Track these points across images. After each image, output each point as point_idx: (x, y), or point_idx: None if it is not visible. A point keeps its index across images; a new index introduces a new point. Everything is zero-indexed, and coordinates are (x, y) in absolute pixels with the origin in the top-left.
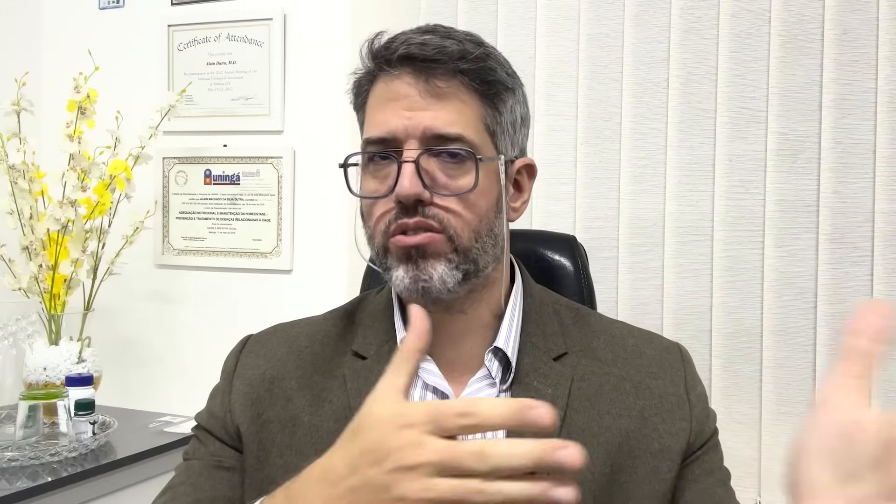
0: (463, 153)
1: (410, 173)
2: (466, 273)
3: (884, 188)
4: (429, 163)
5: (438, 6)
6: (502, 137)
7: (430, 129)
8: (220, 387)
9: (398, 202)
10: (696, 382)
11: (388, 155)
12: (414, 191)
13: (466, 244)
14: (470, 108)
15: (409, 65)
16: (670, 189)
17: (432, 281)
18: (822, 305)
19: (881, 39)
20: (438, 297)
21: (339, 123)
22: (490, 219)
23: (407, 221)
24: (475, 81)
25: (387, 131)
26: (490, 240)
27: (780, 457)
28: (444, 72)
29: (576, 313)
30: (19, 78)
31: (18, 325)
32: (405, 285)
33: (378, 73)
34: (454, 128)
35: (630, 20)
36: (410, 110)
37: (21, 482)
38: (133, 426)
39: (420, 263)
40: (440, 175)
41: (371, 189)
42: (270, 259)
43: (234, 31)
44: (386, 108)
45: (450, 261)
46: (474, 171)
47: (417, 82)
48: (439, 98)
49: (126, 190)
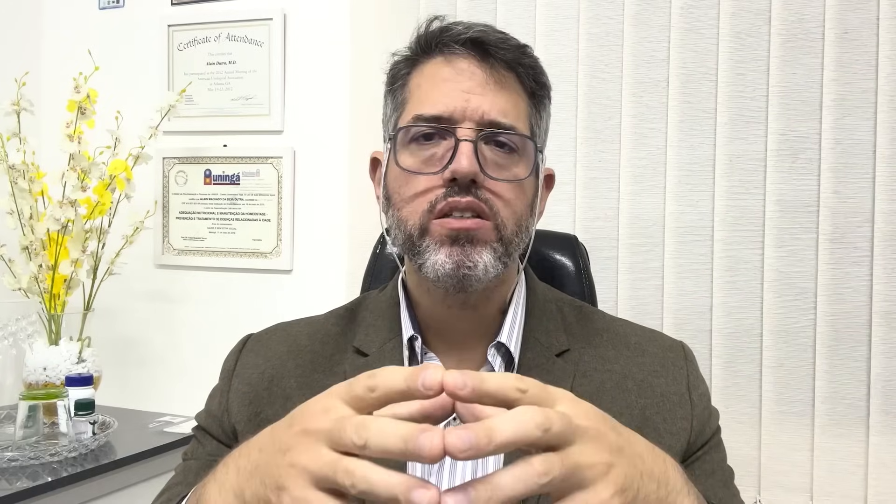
0: (519, 142)
1: (469, 151)
2: (504, 266)
3: (884, 188)
4: (483, 147)
5: (438, 6)
6: (540, 140)
7: (488, 114)
8: (218, 386)
9: (452, 180)
10: (699, 381)
11: (446, 133)
12: (473, 169)
13: (510, 235)
14: (522, 102)
15: (475, 48)
16: (670, 189)
17: (476, 269)
18: (821, 305)
19: (881, 39)
20: (476, 286)
21: (339, 123)
22: (528, 215)
23: (459, 200)
24: (529, 79)
25: (443, 109)
26: (525, 236)
27: (779, 456)
28: (506, 61)
29: (579, 311)
30: (19, 78)
31: (18, 325)
32: (445, 270)
33: (431, 55)
34: (510, 117)
35: (630, 19)
36: (470, 93)
37: (21, 482)
38: (133, 426)
39: (467, 248)
40: (495, 159)
41: (412, 167)
42: (270, 259)
43: (234, 31)
44: (443, 86)
45: (495, 250)
46: (529, 160)
47: (482, 66)
48: (499, 85)
49: (126, 190)
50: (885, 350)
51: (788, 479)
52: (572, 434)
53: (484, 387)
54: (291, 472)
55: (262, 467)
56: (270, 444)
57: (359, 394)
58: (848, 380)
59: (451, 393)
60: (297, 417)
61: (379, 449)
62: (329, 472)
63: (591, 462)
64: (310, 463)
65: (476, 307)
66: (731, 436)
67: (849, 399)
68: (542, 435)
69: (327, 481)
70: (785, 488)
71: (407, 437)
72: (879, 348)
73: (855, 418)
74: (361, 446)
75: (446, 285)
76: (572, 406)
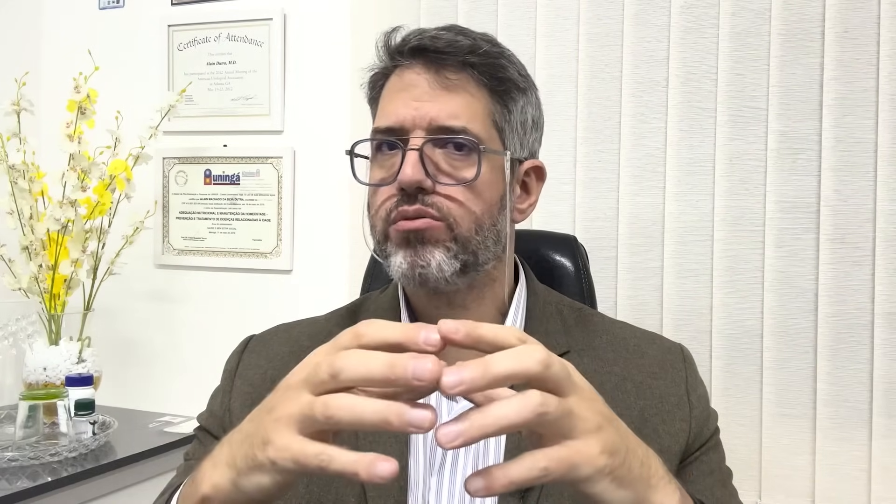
0: (466, 144)
1: (413, 160)
2: (465, 264)
3: (885, 187)
4: (433, 153)
5: (438, 6)
6: (511, 135)
7: (436, 119)
8: (220, 386)
9: (400, 189)
10: (698, 384)
11: (395, 144)
12: (416, 177)
13: (466, 234)
14: (479, 101)
15: (421, 56)
16: (670, 189)
17: (429, 267)
18: (822, 306)
19: (882, 38)
20: (436, 285)
21: (339, 123)
22: (493, 214)
23: (407, 209)
24: (485, 76)
25: (394, 121)
26: (492, 235)
27: (780, 459)
28: (454, 64)
29: (578, 313)
30: (19, 78)
31: (18, 325)
32: (403, 271)
33: (392, 67)
34: (459, 120)
35: (630, 19)
36: (419, 101)
37: (21, 482)
38: (133, 426)
39: (418, 249)
40: (443, 164)
41: (377, 178)
42: (270, 259)
43: (234, 31)
44: (396, 98)
45: (448, 249)
46: (477, 161)
47: (427, 73)
48: (447, 90)
49: (126, 190)
50: (887, 352)
51: (790, 482)
52: (571, 386)
53: (479, 331)
54: (276, 425)
55: (251, 432)
56: (259, 410)
57: (343, 343)
58: (850, 382)
59: (445, 337)
60: (283, 380)
61: (357, 376)
62: (307, 409)
63: (584, 416)
64: (290, 409)
65: (466, 307)
66: (731, 438)
67: (851, 401)
68: (542, 371)
69: (306, 421)
70: (786, 492)
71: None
72: (882, 350)
73: (857, 421)
74: (335, 375)
75: (409, 285)
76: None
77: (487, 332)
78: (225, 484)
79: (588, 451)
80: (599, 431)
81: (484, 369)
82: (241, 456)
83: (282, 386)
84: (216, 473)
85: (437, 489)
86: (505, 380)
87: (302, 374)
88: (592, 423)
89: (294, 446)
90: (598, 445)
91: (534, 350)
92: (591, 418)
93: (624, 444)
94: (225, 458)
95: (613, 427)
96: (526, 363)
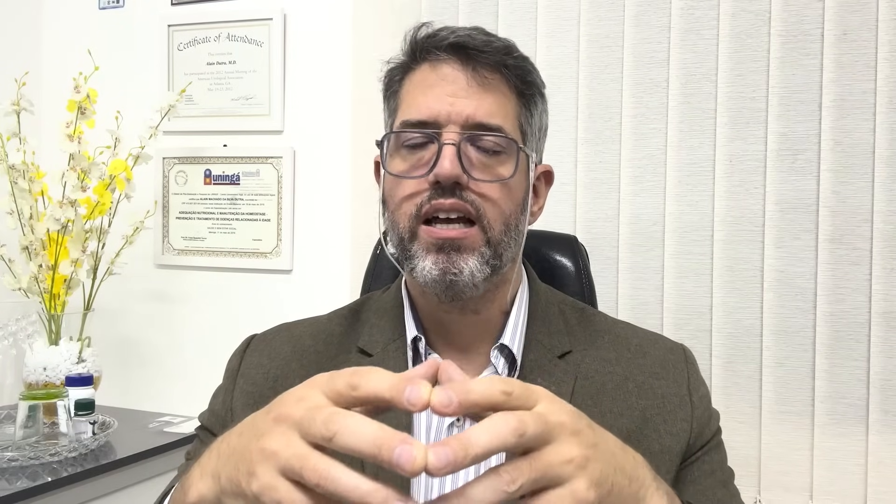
0: (503, 143)
1: (452, 154)
2: (493, 268)
3: (883, 188)
4: (468, 149)
5: (439, 6)
6: (531, 139)
7: (473, 117)
8: (223, 386)
9: (435, 183)
10: (700, 384)
11: (429, 137)
12: (455, 172)
13: (498, 236)
14: (510, 102)
15: (458, 53)
16: (670, 189)
17: (462, 275)
18: (821, 305)
19: (881, 40)
20: (463, 291)
21: (339, 123)
22: (518, 214)
23: (443, 202)
24: (516, 79)
25: (428, 115)
26: (516, 236)
27: (779, 456)
28: (490, 63)
29: (581, 313)
30: (19, 78)
31: (18, 325)
32: (432, 277)
33: (419, 62)
34: (496, 119)
35: (630, 21)
36: (454, 96)
37: (21, 482)
38: (133, 426)
39: (452, 255)
40: (478, 161)
41: (400, 171)
42: (270, 259)
43: (234, 31)
44: (428, 92)
45: (482, 255)
46: (514, 160)
47: (465, 70)
48: (484, 88)
49: (126, 190)
50: (884, 349)
51: (788, 478)
52: (549, 433)
53: (470, 398)
54: (261, 458)
55: (237, 451)
56: (249, 429)
57: (339, 389)
58: (847, 379)
59: (438, 412)
60: (276, 404)
61: (346, 446)
62: (296, 465)
63: (568, 457)
64: (279, 450)
65: (477, 311)
66: (730, 435)
67: (848, 398)
68: (518, 440)
69: (293, 472)
70: (785, 488)
71: (381, 442)
72: (879, 348)
73: (854, 417)
74: (328, 438)
75: (436, 290)
76: (549, 404)
77: (477, 396)
78: (211, 497)
79: (577, 493)
80: (587, 465)
81: (465, 452)
82: (225, 476)
83: (273, 412)
84: (202, 484)
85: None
86: (485, 456)
87: (295, 413)
88: (579, 460)
89: (281, 490)
90: (585, 482)
91: (507, 420)
92: (578, 455)
93: (611, 466)
94: (211, 470)
95: (600, 453)
96: (502, 437)
